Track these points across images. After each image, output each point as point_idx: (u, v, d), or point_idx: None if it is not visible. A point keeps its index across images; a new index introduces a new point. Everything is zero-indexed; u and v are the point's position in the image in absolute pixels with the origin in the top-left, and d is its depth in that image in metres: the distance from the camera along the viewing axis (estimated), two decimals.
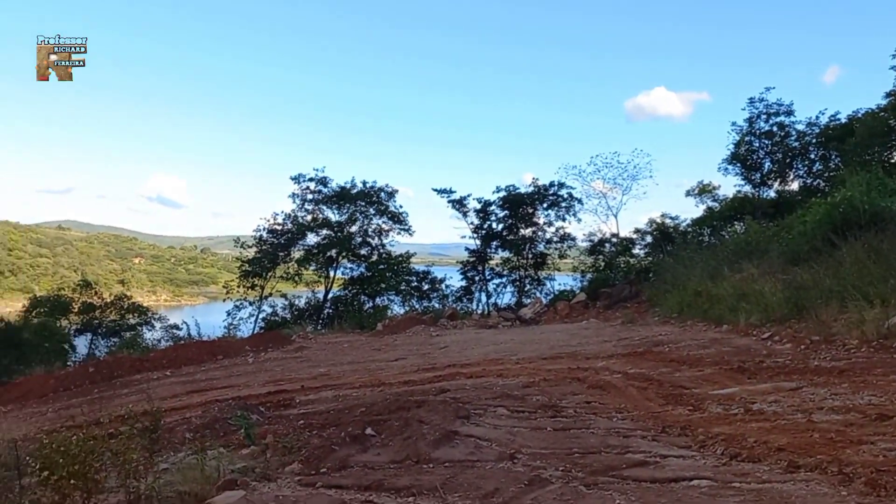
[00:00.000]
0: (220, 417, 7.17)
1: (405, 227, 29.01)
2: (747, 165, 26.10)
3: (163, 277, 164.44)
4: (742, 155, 25.83)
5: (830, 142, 24.17)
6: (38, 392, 13.94)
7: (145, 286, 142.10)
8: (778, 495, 4.03)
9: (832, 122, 24.66)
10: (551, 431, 6.11)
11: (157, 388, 12.53)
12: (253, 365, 14.62)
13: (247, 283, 27.29)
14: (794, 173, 26.28)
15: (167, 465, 5.12)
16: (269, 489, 4.42)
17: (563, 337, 15.31)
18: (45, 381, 14.60)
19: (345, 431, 5.95)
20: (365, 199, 28.22)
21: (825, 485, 4.18)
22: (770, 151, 25.71)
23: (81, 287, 25.65)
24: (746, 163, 26.04)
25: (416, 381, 10.15)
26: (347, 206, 28.29)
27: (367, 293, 27.84)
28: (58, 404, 12.54)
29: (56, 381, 14.56)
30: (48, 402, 12.98)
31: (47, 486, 4.09)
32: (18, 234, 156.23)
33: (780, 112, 25.10)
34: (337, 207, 28.41)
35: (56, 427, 8.00)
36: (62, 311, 23.91)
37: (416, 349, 15.11)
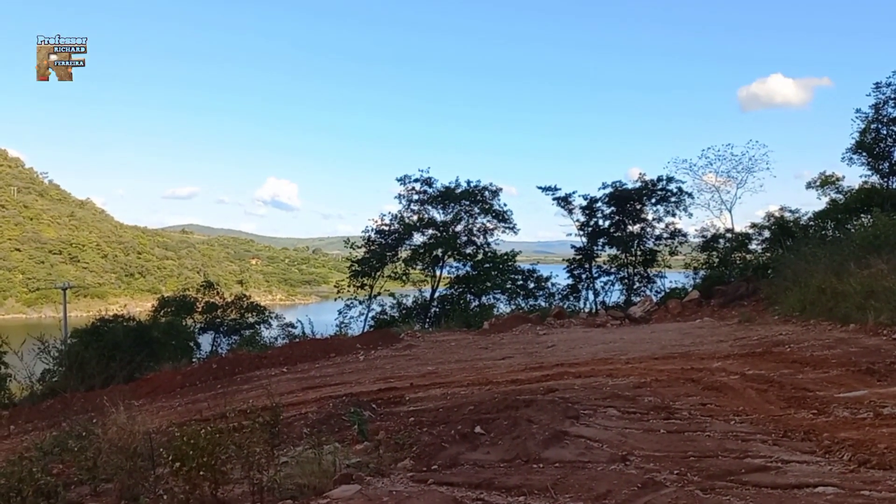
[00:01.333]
0: (335, 413, 7.42)
1: (510, 226, 28.98)
2: (874, 154, 24.31)
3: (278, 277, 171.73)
4: (868, 143, 24.09)
5: None
6: (167, 387, 14.85)
7: (262, 286, 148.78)
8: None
9: None
10: (664, 433, 5.96)
11: (274, 384, 13.09)
12: (364, 362, 15.00)
13: (356, 282, 28.05)
14: None
15: (286, 459, 5.36)
16: (382, 484, 4.55)
17: (676, 336, 14.84)
18: (173, 377, 15.53)
19: (454, 429, 6.03)
20: (469, 198, 28.38)
21: None
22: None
23: (204, 287, 27.10)
24: (873, 151, 24.25)
25: (523, 381, 10.13)
26: (452, 206, 28.55)
27: (472, 292, 27.98)
28: (185, 399, 13.32)
29: (183, 377, 15.46)
30: (176, 397, 13.81)
31: (179, 476, 4.39)
32: (146, 237, 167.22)
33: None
34: (442, 207, 28.73)
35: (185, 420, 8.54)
36: (187, 311, 25.33)
37: (522, 348, 15.06)
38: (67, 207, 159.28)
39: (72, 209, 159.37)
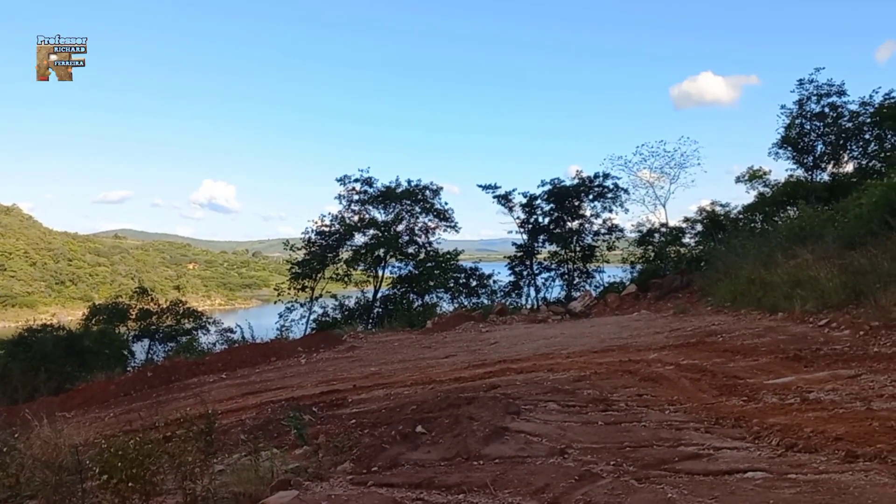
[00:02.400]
0: (274, 418, 7.31)
1: (451, 224, 29.10)
2: (799, 149, 25.30)
3: (216, 282, 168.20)
4: (793, 138, 25.06)
5: (886, 121, 23.22)
6: (100, 398, 14.37)
7: (200, 291, 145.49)
8: (836, 486, 3.94)
9: (887, 100, 23.65)
10: (602, 425, 6.07)
11: (212, 390, 12.83)
12: (306, 366, 14.83)
13: (297, 284, 27.69)
14: (849, 155, 25.28)
15: (222, 467, 5.26)
16: (321, 489, 4.50)
17: (614, 329, 15.14)
18: (106, 387, 15.05)
19: (395, 430, 6.02)
20: (410, 197, 28.37)
21: (885, 475, 4.07)
22: (822, 133, 24.87)
23: (138, 294, 26.34)
24: (798, 146, 25.24)
25: (466, 378, 10.16)
26: (393, 206, 28.50)
27: (415, 291, 27.99)
28: (118, 409, 12.91)
29: (116, 387, 15.00)
30: (109, 408, 13.37)
31: (107, 490, 4.24)
32: (77, 244, 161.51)
33: (831, 92, 24.23)
34: (383, 207, 28.63)
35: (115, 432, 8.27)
36: (120, 318, 24.58)
37: (466, 346, 15.13)
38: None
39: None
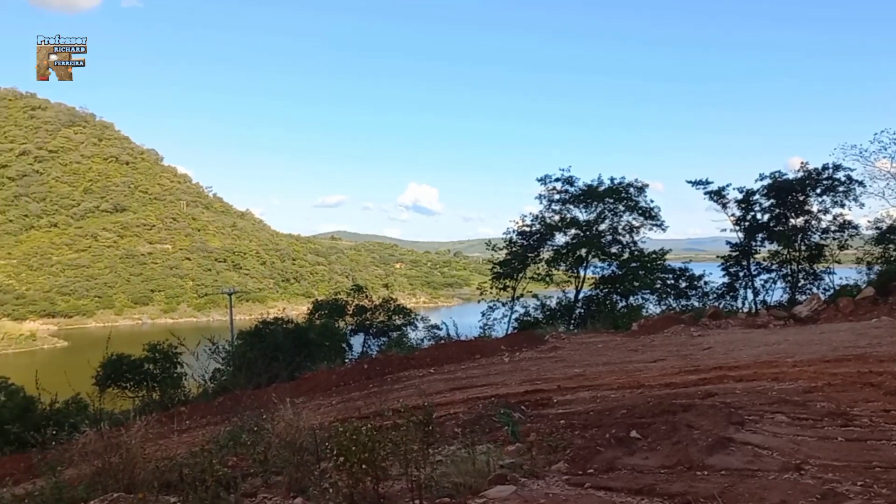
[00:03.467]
0: (485, 414, 7.43)
1: (657, 223, 27.97)
2: None
3: (421, 280, 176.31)
4: None
5: None
6: (323, 386, 15.53)
7: (406, 289, 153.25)
8: None
9: None
10: (843, 442, 5.47)
11: (422, 384, 13.38)
12: (509, 364, 14.98)
13: (499, 284, 28.14)
14: None
15: (441, 457, 5.41)
16: (538, 486, 4.47)
17: (849, 337, 13.63)
18: (328, 377, 16.23)
19: (608, 433, 5.85)
20: (613, 195, 27.67)
21: None
22: None
23: (354, 291, 28.21)
24: None
25: (678, 384, 9.68)
26: (595, 205, 27.97)
27: (619, 292, 27.27)
28: (340, 397, 13.89)
29: (337, 377, 16.12)
30: (331, 396, 14.42)
31: (342, 471, 4.53)
32: (300, 245, 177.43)
33: None
34: (584, 206, 28.21)
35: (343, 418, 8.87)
36: (339, 313, 26.46)
37: (675, 350, 14.43)
38: (230, 218, 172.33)
39: (234, 220, 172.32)
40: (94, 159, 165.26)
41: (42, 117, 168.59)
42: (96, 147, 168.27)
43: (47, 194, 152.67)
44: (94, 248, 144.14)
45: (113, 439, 6.06)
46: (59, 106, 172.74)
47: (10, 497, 5.89)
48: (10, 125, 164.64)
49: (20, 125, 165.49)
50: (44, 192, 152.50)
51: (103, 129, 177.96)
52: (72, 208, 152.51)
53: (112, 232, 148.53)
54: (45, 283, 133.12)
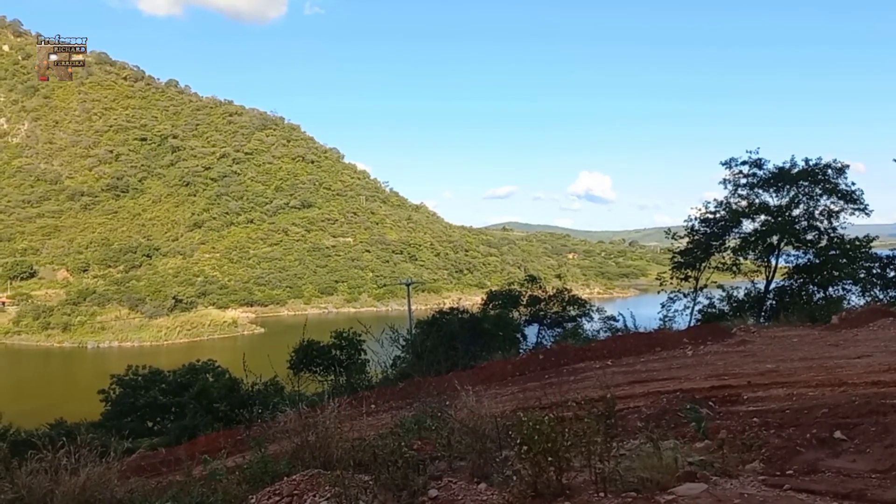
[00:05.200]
0: (669, 409, 7.20)
1: (860, 207, 25.41)
2: None
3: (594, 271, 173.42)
4: None
5: None
6: (499, 375, 15.77)
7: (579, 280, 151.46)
8: None
9: None
10: None
11: (599, 376, 13.19)
12: (692, 358, 14.39)
13: (679, 274, 27.09)
14: None
15: (624, 451, 5.33)
16: (731, 486, 4.28)
17: None
18: (504, 366, 16.45)
19: (809, 433, 5.47)
20: (808, 178, 25.55)
21: None
22: None
23: (527, 282, 28.37)
24: None
25: (887, 383, 8.83)
26: (787, 188, 26.01)
27: (816, 282, 25.26)
28: (516, 387, 14.02)
29: (513, 367, 16.30)
30: (508, 385, 14.59)
31: (525, 460, 4.60)
32: (472, 236, 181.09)
33: None
34: (775, 190, 26.31)
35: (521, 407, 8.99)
36: (513, 304, 26.75)
37: (884, 345, 13.14)
38: (405, 212, 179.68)
39: (409, 213, 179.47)
40: (283, 159, 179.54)
41: (238, 122, 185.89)
42: (285, 148, 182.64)
43: (244, 193, 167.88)
44: (284, 242, 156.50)
45: (310, 419, 6.58)
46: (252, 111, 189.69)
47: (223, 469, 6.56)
48: (212, 131, 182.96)
49: (220, 130, 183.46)
50: (241, 191, 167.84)
51: (291, 130, 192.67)
52: (265, 205, 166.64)
53: (300, 227, 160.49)
54: (244, 274, 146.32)
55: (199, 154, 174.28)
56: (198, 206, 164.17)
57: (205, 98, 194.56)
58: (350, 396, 14.78)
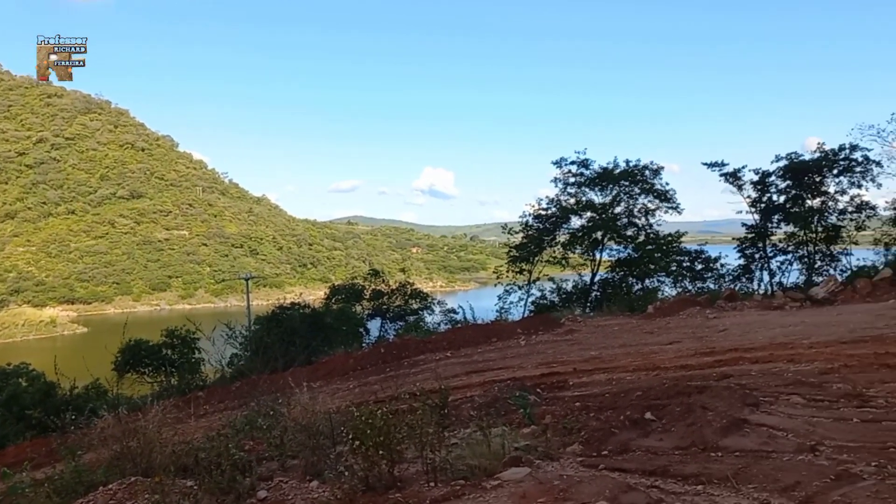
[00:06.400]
0: (500, 397, 7.49)
1: (673, 205, 27.84)
2: None
3: (437, 265, 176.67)
4: None
5: None
6: (340, 370, 15.67)
7: (422, 273, 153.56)
8: None
9: None
10: (858, 423, 5.48)
11: (438, 367, 13.46)
12: (525, 347, 15.02)
13: (515, 267, 28.18)
14: None
15: (456, 440, 5.48)
16: (552, 468, 4.53)
17: (866, 318, 13.54)
18: (346, 361, 16.36)
19: (623, 415, 5.89)
20: (629, 178, 27.55)
21: None
22: None
23: (371, 276, 28.37)
24: None
25: (693, 366, 9.69)
26: (611, 187, 27.90)
27: (635, 275, 27.25)
28: (357, 381, 14.00)
29: (354, 361, 16.24)
30: (349, 380, 14.53)
31: (358, 454, 4.62)
32: (316, 230, 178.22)
33: None
34: (600, 189, 28.14)
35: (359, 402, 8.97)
36: (356, 298, 26.66)
37: (691, 332, 14.40)
38: (246, 204, 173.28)
39: (250, 205, 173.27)
40: (110, 146, 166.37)
41: (58, 105, 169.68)
42: (112, 134, 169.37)
43: (64, 181, 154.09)
44: (111, 234, 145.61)
45: (131, 424, 6.19)
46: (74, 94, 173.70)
47: (29, 481, 6.02)
48: (27, 113, 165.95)
49: (37, 113, 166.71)
50: (61, 180, 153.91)
51: (119, 115, 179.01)
52: (89, 195, 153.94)
53: (129, 219, 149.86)
54: (64, 269, 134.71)
55: (11, 138, 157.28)
56: (10, 195, 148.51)
57: (18, 77, 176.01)
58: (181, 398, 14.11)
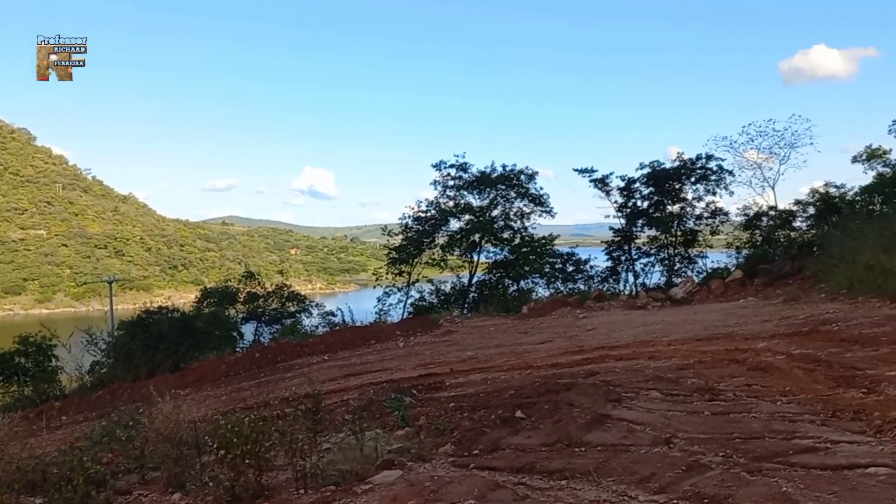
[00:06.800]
0: (376, 400, 7.47)
1: (547, 209, 28.76)
2: None
3: (317, 266, 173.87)
4: None
5: None
6: (212, 376, 15.10)
7: (301, 275, 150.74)
8: None
9: None
10: (709, 416, 5.86)
11: (316, 371, 13.27)
12: (403, 349, 15.08)
13: (395, 269, 28.14)
14: None
15: (329, 445, 5.41)
16: (424, 469, 4.56)
17: (719, 317, 14.59)
18: (218, 366, 15.80)
19: (495, 414, 6.03)
20: (505, 182, 28.22)
21: None
22: None
23: (246, 278, 27.47)
24: None
25: (563, 364, 10.06)
26: (488, 191, 28.46)
27: (511, 277, 27.92)
28: (229, 388, 13.53)
29: (227, 366, 15.72)
30: (221, 386, 14.03)
31: (224, 464, 4.46)
32: (188, 230, 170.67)
33: None
34: (478, 192, 28.63)
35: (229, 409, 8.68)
36: (230, 301, 25.72)
37: (562, 332, 14.97)
38: (111, 202, 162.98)
39: (115, 204, 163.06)
40: None
41: None
42: None
43: None
44: None
45: None
46: None
47: None
48: None
49: None
50: None
51: None
52: None
53: None
54: None
55: None
56: None
57: None
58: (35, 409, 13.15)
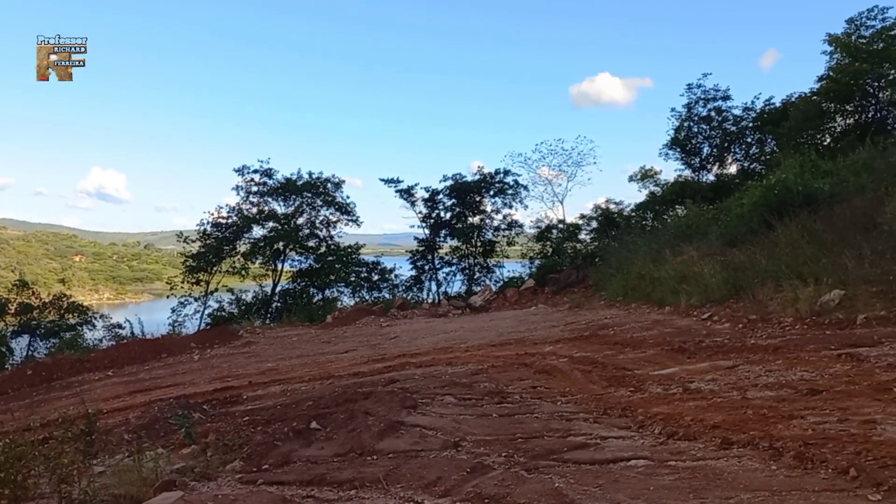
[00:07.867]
0: (161, 417, 7.00)
1: (353, 218, 28.83)
2: (687, 150, 26.66)
3: (105, 275, 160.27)
4: (682, 140, 26.38)
5: (766, 125, 24.79)
6: None
7: (87, 284, 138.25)
8: (711, 472, 4.15)
9: (767, 106, 25.31)
10: (496, 418, 6.16)
11: (97, 389, 12.21)
12: (199, 362, 14.34)
13: (191, 278, 26.68)
14: (732, 157, 26.89)
15: (103, 469, 4.99)
16: (208, 488, 4.34)
17: (512, 323, 15.44)
18: None
19: (289, 427, 5.89)
20: (311, 190, 27.86)
21: (756, 460, 4.31)
22: (708, 136, 26.31)
23: (18, 287, 24.70)
24: (686, 147, 26.59)
25: (365, 373, 10.09)
26: (293, 198, 27.94)
27: (316, 285, 27.59)
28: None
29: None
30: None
31: None
32: None
33: (717, 97, 25.69)
34: (283, 199, 28.02)
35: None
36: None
37: (366, 340, 15.04)
38: None
39: None
40: None
41: None
42: None
43: None
44: None
45: None
46: None
47: None
48: None
49: None
50: None
51: None
52: None
53: None
54: None
55: None
56: None
57: None
58: None
